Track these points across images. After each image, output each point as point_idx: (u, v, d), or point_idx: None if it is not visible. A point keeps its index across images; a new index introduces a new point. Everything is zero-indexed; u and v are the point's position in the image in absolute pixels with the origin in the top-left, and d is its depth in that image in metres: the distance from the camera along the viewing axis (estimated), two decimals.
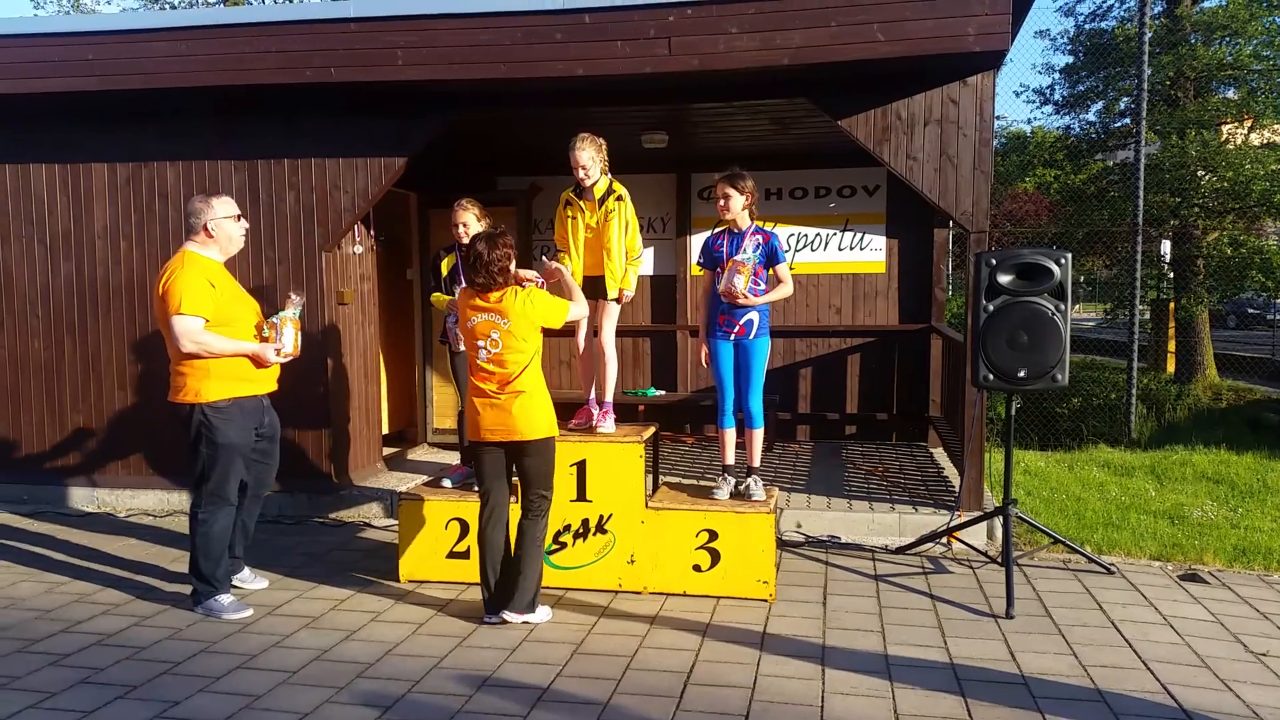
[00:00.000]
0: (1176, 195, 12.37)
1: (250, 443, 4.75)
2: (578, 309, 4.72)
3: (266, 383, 4.80)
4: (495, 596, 4.53)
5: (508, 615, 4.49)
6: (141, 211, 6.74)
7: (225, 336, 4.59)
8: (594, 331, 5.37)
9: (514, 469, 4.60)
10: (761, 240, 5.15)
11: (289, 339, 4.75)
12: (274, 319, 4.77)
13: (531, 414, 4.46)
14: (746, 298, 5.05)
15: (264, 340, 4.73)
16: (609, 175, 5.15)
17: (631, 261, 5.22)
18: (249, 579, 5.05)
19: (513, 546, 4.59)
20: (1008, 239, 13.68)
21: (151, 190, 6.72)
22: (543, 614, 4.55)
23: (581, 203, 5.15)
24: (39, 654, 4.21)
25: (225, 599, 4.70)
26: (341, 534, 6.15)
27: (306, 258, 6.51)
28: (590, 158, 5.00)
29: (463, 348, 5.46)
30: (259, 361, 4.69)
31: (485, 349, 4.44)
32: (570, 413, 5.55)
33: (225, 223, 4.67)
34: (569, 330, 5.18)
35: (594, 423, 5.20)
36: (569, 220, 5.21)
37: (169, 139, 6.65)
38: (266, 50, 6.03)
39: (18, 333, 6.95)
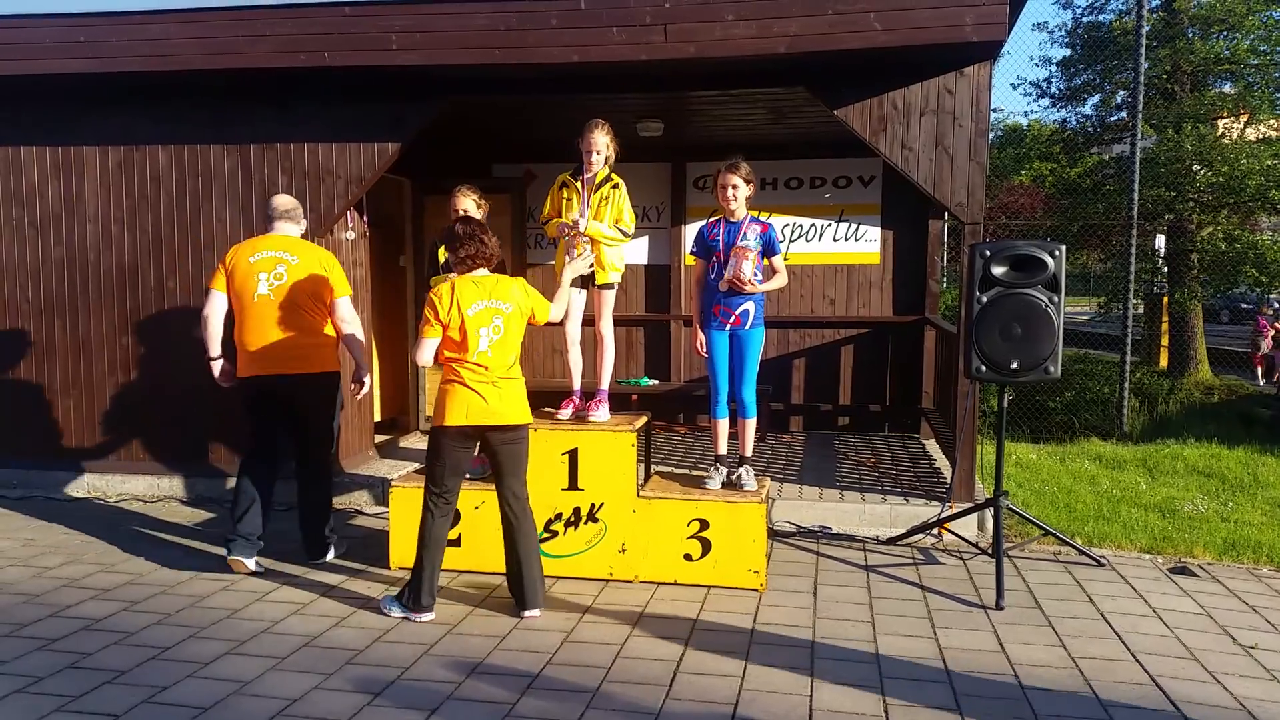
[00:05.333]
0: (1172, 189, 12.38)
1: None
2: (557, 310, 4.72)
3: None
4: (433, 597, 4.47)
5: (530, 614, 4.46)
6: (134, 196, 6.70)
7: None
8: (589, 321, 5.34)
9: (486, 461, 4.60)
10: (760, 230, 5.14)
11: None
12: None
13: (523, 398, 4.49)
14: (753, 284, 5.05)
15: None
16: (607, 166, 5.17)
17: (614, 239, 5.15)
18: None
19: (516, 548, 4.51)
20: (1003, 231, 13.69)
21: (144, 174, 6.68)
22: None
23: (577, 184, 5.14)
24: (26, 639, 4.19)
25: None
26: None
27: None
28: (606, 143, 5.07)
29: None
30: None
31: (488, 337, 4.33)
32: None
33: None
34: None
35: (588, 412, 5.18)
36: (563, 202, 5.20)
37: (162, 123, 6.61)
38: (260, 34, 5.98)
39: (7, 316, 6.90)
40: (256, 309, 5.00)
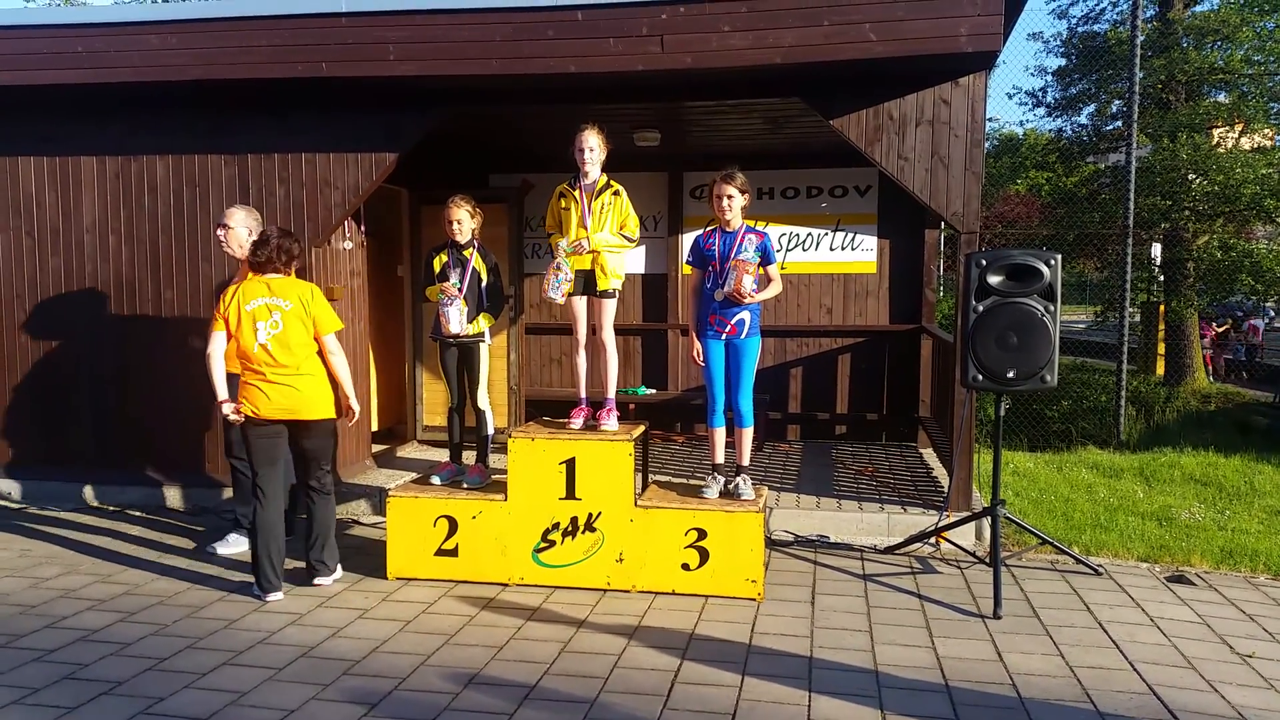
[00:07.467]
0: (1167, 198, 12.41)
1: None
2: (339, 356, 4.90)
3: None
4: (280, 574, 4.85)
5: (322, 581, 5.00)
6: (131, 206, 6.71)
7: None
8: (592, 330, 5.36)
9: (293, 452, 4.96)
10: (756, 239, 5.15)
11: None
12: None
13: (323, 394, 4.85)
14: (751, 296, 5.07)
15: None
16: (605, 174, 5.17)
17: (616, 246, 5.20)
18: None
19: (321, 524, 5.00)
20: (999, 240, 13.70)
21: (141, 184, 6.69)
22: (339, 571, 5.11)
23: (575, 193, 5.15)
24: (22, 649, 4.18)
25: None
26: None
27: None
28: (598, 142, 5.10)
29: (453, 329, 5.44)
30: None
31: (265, 332, 4.69)
32: (563, 411, 5.55)
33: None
34: (564, 329, 5.18)
35: (599, 421, 5.18)
36: (562, 212, 5.21)
37: (159, 133, 6.62)
38: (257, 44, 6.00)
39: (4, 326, 6.90)
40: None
